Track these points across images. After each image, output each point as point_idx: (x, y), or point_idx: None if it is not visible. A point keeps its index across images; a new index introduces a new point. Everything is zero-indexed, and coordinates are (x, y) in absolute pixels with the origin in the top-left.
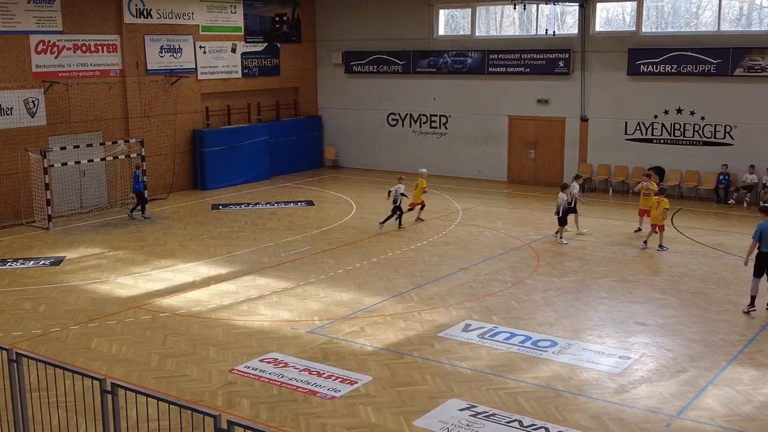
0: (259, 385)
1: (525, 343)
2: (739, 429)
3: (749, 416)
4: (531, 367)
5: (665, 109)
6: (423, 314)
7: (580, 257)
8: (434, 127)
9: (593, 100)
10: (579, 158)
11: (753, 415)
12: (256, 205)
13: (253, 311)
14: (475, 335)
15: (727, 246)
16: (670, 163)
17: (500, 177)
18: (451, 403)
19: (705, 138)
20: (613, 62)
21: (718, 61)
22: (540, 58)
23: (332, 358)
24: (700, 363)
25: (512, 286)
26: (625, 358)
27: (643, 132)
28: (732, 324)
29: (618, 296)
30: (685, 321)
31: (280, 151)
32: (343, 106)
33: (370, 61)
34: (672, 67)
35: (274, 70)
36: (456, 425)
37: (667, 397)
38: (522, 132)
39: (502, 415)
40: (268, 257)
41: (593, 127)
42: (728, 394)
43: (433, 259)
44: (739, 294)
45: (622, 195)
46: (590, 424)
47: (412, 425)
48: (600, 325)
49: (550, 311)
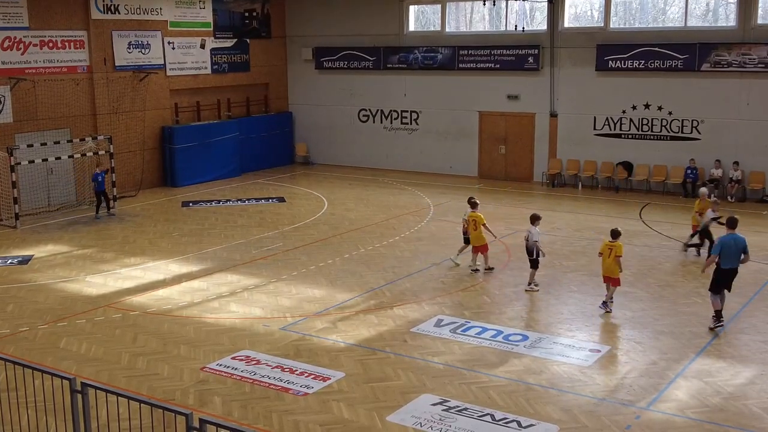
0: (231, 382)
1: (496, 338)
2: (709, 420)
3: (718, 407)
4: (502, 361)
5: (633, 104)
6: (395, 310)
7: (550, 252)
8: (405, 123)
9: (562, 96)
10: (549, 153)
11: (722, 407)
12: (226, 202)
13: (225, 309)
14: (447, 330)
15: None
16: (638, 157)
17: (471, 172)
18: (424, 398)
19: (672, 133)
20: (581, 58)
21: (685, 57)
22: (509, 54)
23: (305, 355)
24: (669, 355)
25: (484, 281)
26: (595, 351)
27: (612, 127)
28: (700, 316)
29: (588, 290)
30: (654, 314)
31: (251, 147)
32: (314, 102)
33: (340, 57)
34: (640, 62)
35: (243, 66)
36: (428, 420)
37: (636, 390)
38: (492, 127)
39: (474, 409)
40: (240, 254)
41: (562, 122)
42: (697, 386)
43: (405, 254)
44: (707, 286)
45: (591, 189)
46: (561, 417)
47: (385, 421)
48: (570, 319)
49: (522, 306)
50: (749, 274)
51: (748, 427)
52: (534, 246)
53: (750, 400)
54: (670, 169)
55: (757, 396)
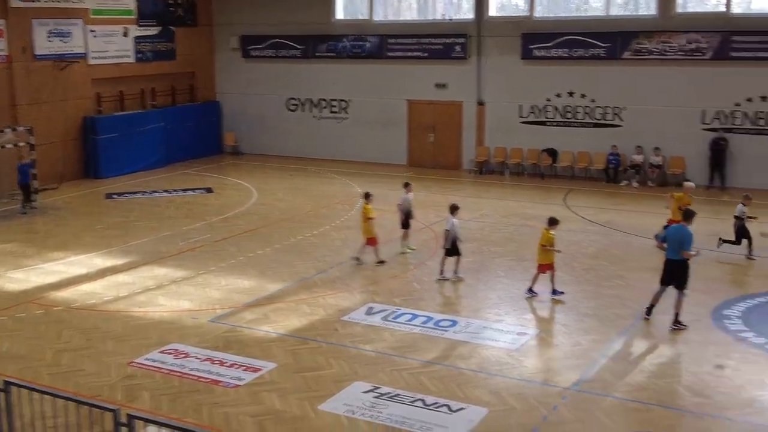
0: (159, 377)
1: (427, 324)
2: (633, 399)
3: (641, 386)
4: (433, 346)
5: (557, 92)
6: (326, 299)
7: (479, 238)
8: (335, 112)
9: (489, 84)
10: (476, 141)
11: (644, 385)
12: (152, 193)
13: (152, 302)
14: (378, 318)
15: (617, 224)
16: (562, 144)
17: (400, 161)
18: (356, 385)
19: (595, 120)
20: (507, 47)
21: (607, 45)
22: (437, 42)
23: (235, 347)
24: (593, 336)
25: (414, 268)
26: (522, 334)
27: (537, 115)
28: (622, 298)
29: (515, 275)
30: (579, 296)
31: (177, 137)
32: (242, 91)
33: (268, 45)
34: (564, 51)
35: (169, 55)
36: (360, 407)
37: (563, 370)
38: (421, 116)
39: (405, 395)
40: (167, 246)
41: (490, 110)
42: (619, 366)
43: (335, 243)
44: (628, 269)
45: (518, 176)
46: (490, 400)
47: (318, 410)
48: (498, 303)
49: (451, 292)
50: None
51: (671, 405)
52: (452, 236)
53: (672, 378)
54: (593, 156)
55: (679, 374)
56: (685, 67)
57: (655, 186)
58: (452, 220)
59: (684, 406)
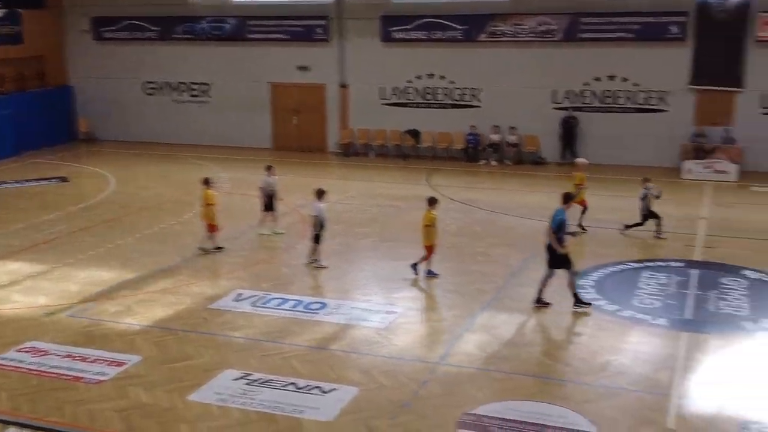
0: (16, 376)
1: (297, 308)
2: (495, 369)
3: (503, 357)
4: (304, 330)
5: (418, 74)
6: (193, 287)
7: (345, 220)
8: (195, 96)
9: (351, 67)
10: (340, 124)
11: (506, 356)
12: (2, 184)
13: (6, 299)
14: (247, 304)
15: (477, 202)
16: (424, 125)
17: (265, 144)
18: (226, 373)
19: (455, 101)
20: (368, 29)
21: (464, 28)
22: (298, 24)
23: (97, 341)
24: (457, 311)
25: (282, 252)
26: (390, 312)
27: (399, 96)
28: (483, 273)
29: (381, 255)
30: (443, 273)
31: (27, 125)
32: (97, 76)
33: (122, 27)
34: (423, 33)
35: (15, 39)
36: (231, 395)
37: (431, 346)
38: (284, 98)
39: (277, 380)
40: (19, 240)
41: (353, 92)
42: (483, 338)
43: (200, 231)
44: (489, 245)
45: (383, 158)
46: (361, 379)
47: (187, 400)
48: (366, 284)
49: (319, 274)
50: (528, 232)
51: (530, 373)
52: (319, 221)
53: (532, 347)
54: (454, 136)
55: (538, 343)
56: (537, 49)
57: (512, 164)
58: (319, 205)
59: (543, 372)
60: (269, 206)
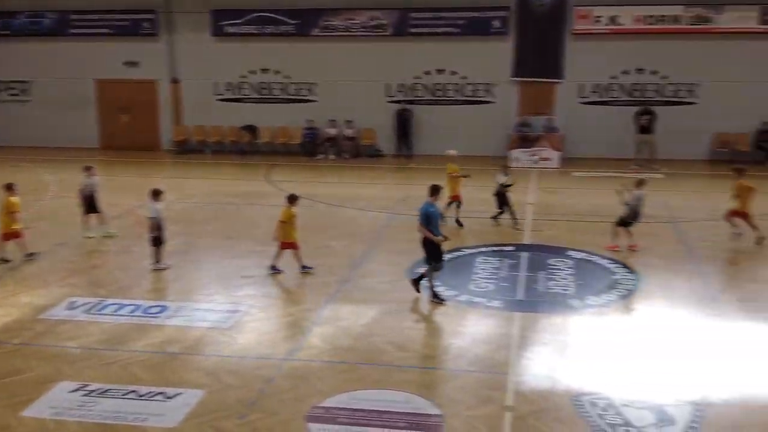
0: None
1: (135, 312)
2: (341, 360)
3: (349, 348)
4: (143, 335)
5: (252, 69)
6: (20, 297)
7: (184, 219)
8: (14, 94)
9: (183, 62)
10: (174, 120)
11: (352, 347)
12: None
13: None
14: (81, 312)
15: (318, 196)
16: (261, 121)
17: (92, 144)
18: (61, 386)
19: (291, 96)
20: (198, 23)
21: (296, 22)
22: (124, 18)
23: None
24: (303, 306)
25: (116, 255)
26: (234, 311)
27: (234, 92)
28: (327, 266)
29: (222, 253)
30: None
31: None
32: None
33: None
34: (255, 27)
35: None
36: (68, 408)
37: (276, 342)
38: (112, 95)
39: (117, 389)
40: None
41: (185, 88)
42: (329, 331)
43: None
44: (332, 238)
45: (220, 154)
46: (207, 381)
47: (21, 417)
48: (208, 284)
49: (158, 277)
50: (368, 223)
51: (376, 362)
52: (157, 223)
53: (376, 337)
54: (292, 131)
55: (381, 333)
56: (369, 43)
57: (350, 157)
58: (155, 206)
59: (388, 360)
60: (92, 208)
